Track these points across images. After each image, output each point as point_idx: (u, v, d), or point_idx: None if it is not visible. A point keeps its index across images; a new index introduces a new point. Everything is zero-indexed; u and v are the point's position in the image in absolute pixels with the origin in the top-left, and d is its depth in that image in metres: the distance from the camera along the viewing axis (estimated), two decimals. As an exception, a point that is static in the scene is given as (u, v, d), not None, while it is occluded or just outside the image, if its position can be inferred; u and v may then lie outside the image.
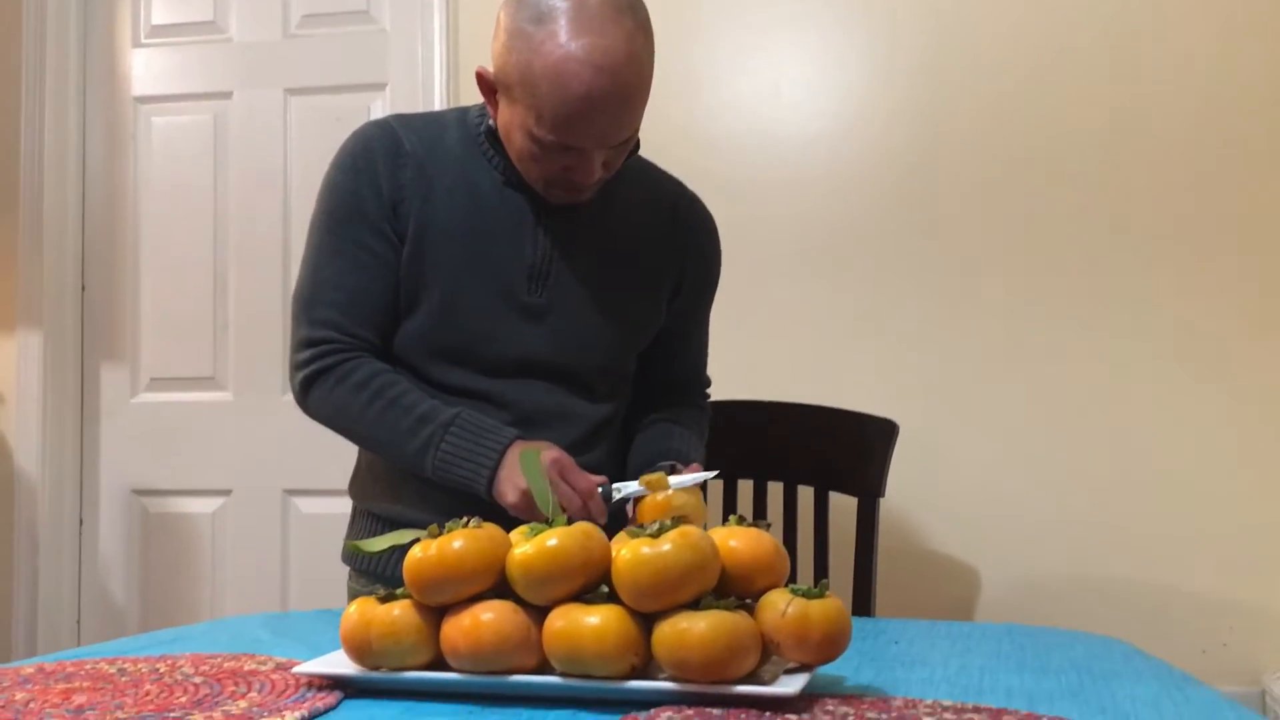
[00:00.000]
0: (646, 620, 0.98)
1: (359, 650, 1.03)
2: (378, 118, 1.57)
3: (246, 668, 1.14)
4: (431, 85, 2.61)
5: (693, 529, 0.99)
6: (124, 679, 1.09)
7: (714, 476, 1.38)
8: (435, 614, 1.03)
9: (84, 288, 2.80)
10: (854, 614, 1.89)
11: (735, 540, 1.04)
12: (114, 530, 2.78)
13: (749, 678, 0.97)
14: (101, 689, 1.05)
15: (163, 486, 2.76)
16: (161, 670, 1.13)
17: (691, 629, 0.95)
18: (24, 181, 2.74)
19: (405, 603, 1.04)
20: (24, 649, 2.69)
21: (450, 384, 1.51)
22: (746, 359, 2.35)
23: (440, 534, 1.04)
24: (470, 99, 2.00)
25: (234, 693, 1.03)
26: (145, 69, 2.80)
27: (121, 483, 2.77)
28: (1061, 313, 2.29)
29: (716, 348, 1.76)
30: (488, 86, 1.45)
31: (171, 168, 2.78)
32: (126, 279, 2.79)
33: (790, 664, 1.03)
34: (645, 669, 0.99)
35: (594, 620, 0.97)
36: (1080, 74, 2.31)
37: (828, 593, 1.01)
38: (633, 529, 1.02)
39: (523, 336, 1.51)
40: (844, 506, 1.97)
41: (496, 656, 0.99)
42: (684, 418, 1.65)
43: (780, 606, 0.98)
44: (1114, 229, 2.28)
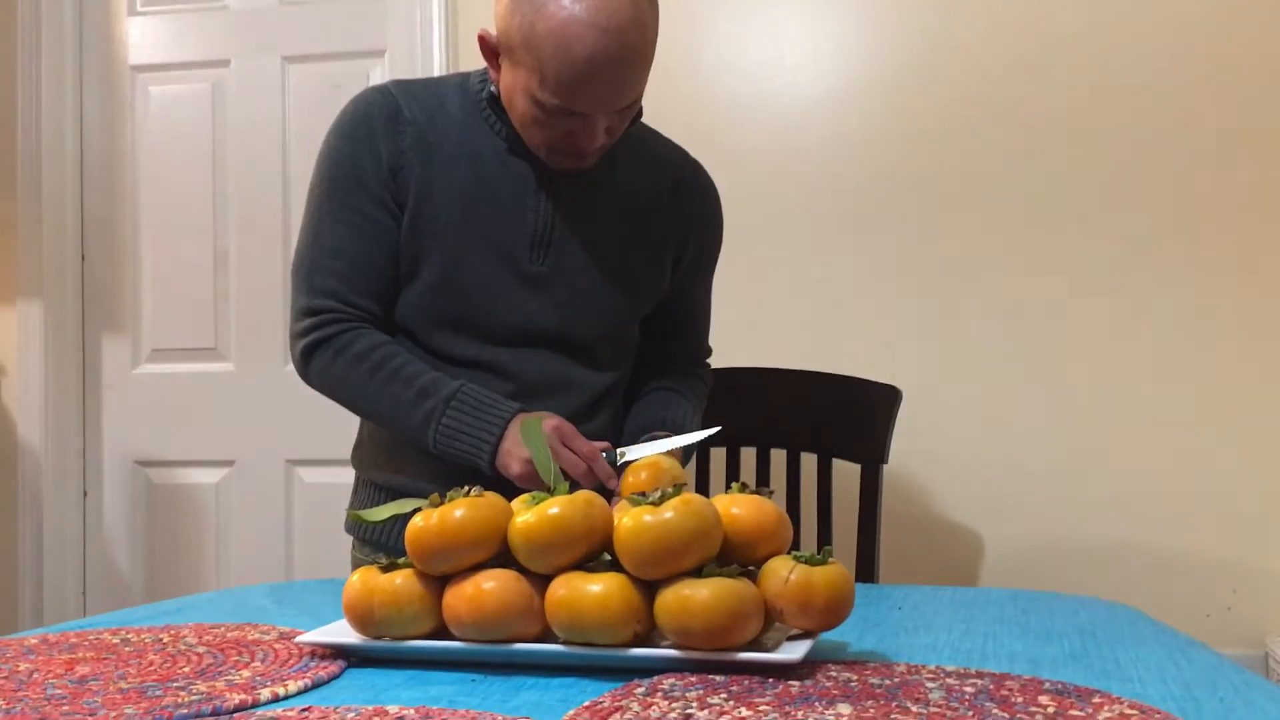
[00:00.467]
0: (649, 588, 0.98)
1: (362, 619, 1.03)
2: (378, 84, 1.55)
3: (250, 637, 1.14)
4: (431, 51, 2.59)
5: (695, 496, 0.99)
6: (127, 649, 1.10)
7: (711, 434, 1.38)
8: (438, 583, 1.03)
9: (84, 259, 2.79)
10: (858, 580, 1.89)
11: (738, 507, 1.03)
12: (118, 502, 2.78)
13: (752, 645, 0.97)
14: (105, 659, 1.05)
15: (166, 457, 2.76)
16: (165, 640, 1.13)
17: (694, 596, 0.95)
18: (22, 153, 2.72)
19: (408, 571, 1.04)
20: (30, 621, 2.70)
21: (452, 353, 1.50)
22: (749, 326, 2.34)
23: (442, 503, 1.03)
24: (470, 65, 1.98)
25: (237, 662, 1.03)
26: (141, 37, 2.78)
27: (124, 454, 2.78)
28: (1065, 277, 2.28)
29: (719, 315, 1.75)
30: (490, 50, 1.44)
31: (169, 137, 2.76)
32: (126, 249, 2.78)
33: (793, 631, 1.02)
34: (648, 637, 0.99)
35: (596, 588, 0.97)
36: (1093, 37, 2.29)
37: (831, 559, 1.00)
38: (634, 496, 1.01)
39: (525, 305, 1.50)
40: (847, 473, 1.97)
41: (499, 625, 0.99)
42: (683, 386, 1.65)
43: (783, 573, 0.98)
44: (1119, 194, 2.26)
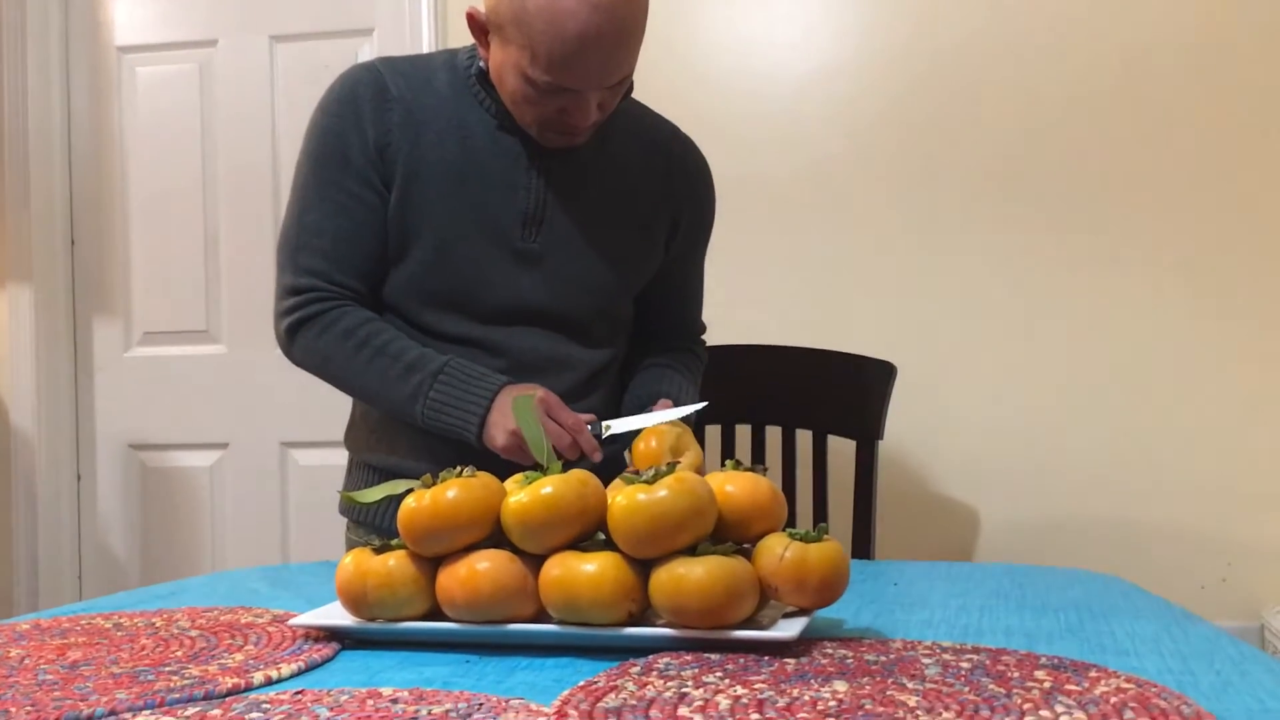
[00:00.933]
0: (643, 567, 0.98)
1: (355, 602, 1.02)
2: (364, 61, 1.54)
3: (243, 621, 1.13)
4: (420, 29, 2.57)
5: (689, 474, 0.98)
6: (120, 634, 1.09)
7: (699, 409, 1.38)
8: (431, 564, 1.02)
9: (73, 242, 2.78)
10: (854, 557, 1.89)
11: (732, 485, 1.03)
12: (112, 485, 2.77)
13: (747, 623, 0.96)
14: (97, 644, 1.05)
15: (159, 441, 2.75)
16: (158, 624, 1.13)
17: (689, 575, 0.94)
18: (8, 135, 2.70)
19: (401, 553, 1.03)
20: (26, 605, 2.70)
21: (444, 332, 1.49)
22: (743, 303, 2.33)
23: (434, 484, 1.03)
24: (459, 43, 1.97)
25: (230, 645, 1.02)
26: (128, 18, 2.75)
27: (118, 437, 2.77)
28: (1061, 253, 2.27)
29: (712, 292, 1.74)
30: (479, 27, 1.42)
31: (157, 118, 2.74)
32: (116, 232, 2.76)
33: (788, 608, 1.02)
34: (643, 616, 0.98)
35: (590, 568, 0.96)
36: (1091, 6, 2.27)
37: (826, 536, 1.00)
38: (628, 475, 1.01)
39: (517, 282, 1.49)
40: (843, 450, 1.97)
41: (493, 606, 0.99)
42: (678, 362, 1.64)
43: (778, 551, 0.98)
44: (1115, 169, 2.25)
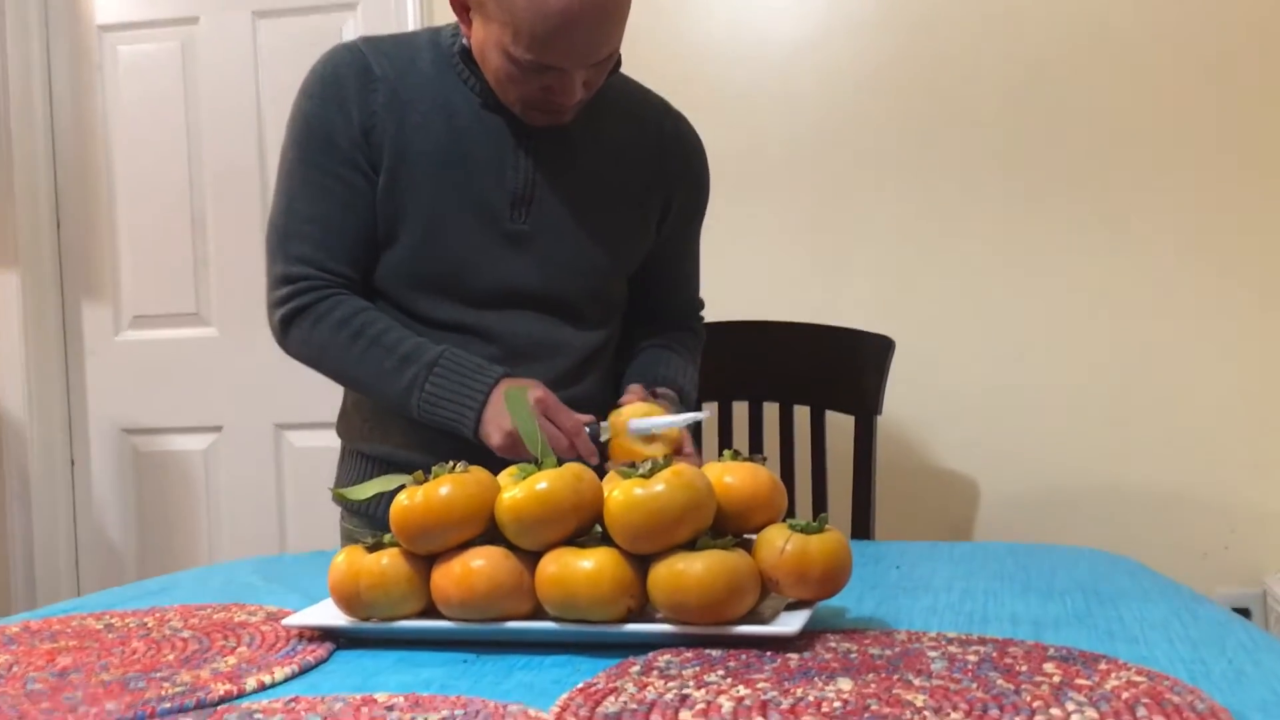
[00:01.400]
0: (642, 562, 0.96)
1: (348, 601, 1.00)
2: (345, 41, 1.50)
3: (236, 619, 1.12)
4: (404, 4, 2.52)
5: (686, 467, 0.96)
6: (111, 636, 1.07)
7: (704, 417, 1.36)
8: (425, 562, 1.01)
9: (59, 225, 2.74)
10: (853, 535, 1.88)
11: (730, 476, 1.01)
12: (105, 470, 2.75)
13: (748, 616, 0.95)
14: (87, 648, 1.03)
15: (152, 425, 2.73)
16: (149, 625, 1.11)
17: (688, 570, 0.92)
18: (-10, 118, 2.66)
19: (394, 551, 1.02)
20: (23, 592, 2.68)
21: (434, 317, 1.47)
22: (739, 278, 2.30)
23: (426, 480, 1.01)
24: (445, 17, 1.93)
25: (223, 648, 1.01)
26: (108, -5, 2.71)
27: (110, 422, 2.74)
28: (1060, 223, 2.24)
29: (708, 267, 1.71)
30: (460, 4, 1.39)
31: (141, 97, 2.70)
32: (102, 214, 2.73)
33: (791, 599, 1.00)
34: (642, 612, 0.96)
35: (588, 564, 0.95)
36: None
37: (827, 526, 0.98)
38: (624, 469, 0.98)
39: (507, 265, 1.47)
40: (841, 426, 1.95)
41: (489, 604, 0.97)
42: (676, 343, 1.62)
43: (779, 543, 0.96)
44: (1114, 137, 2.22)
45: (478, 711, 0.79)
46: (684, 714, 0.77)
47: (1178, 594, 1.09)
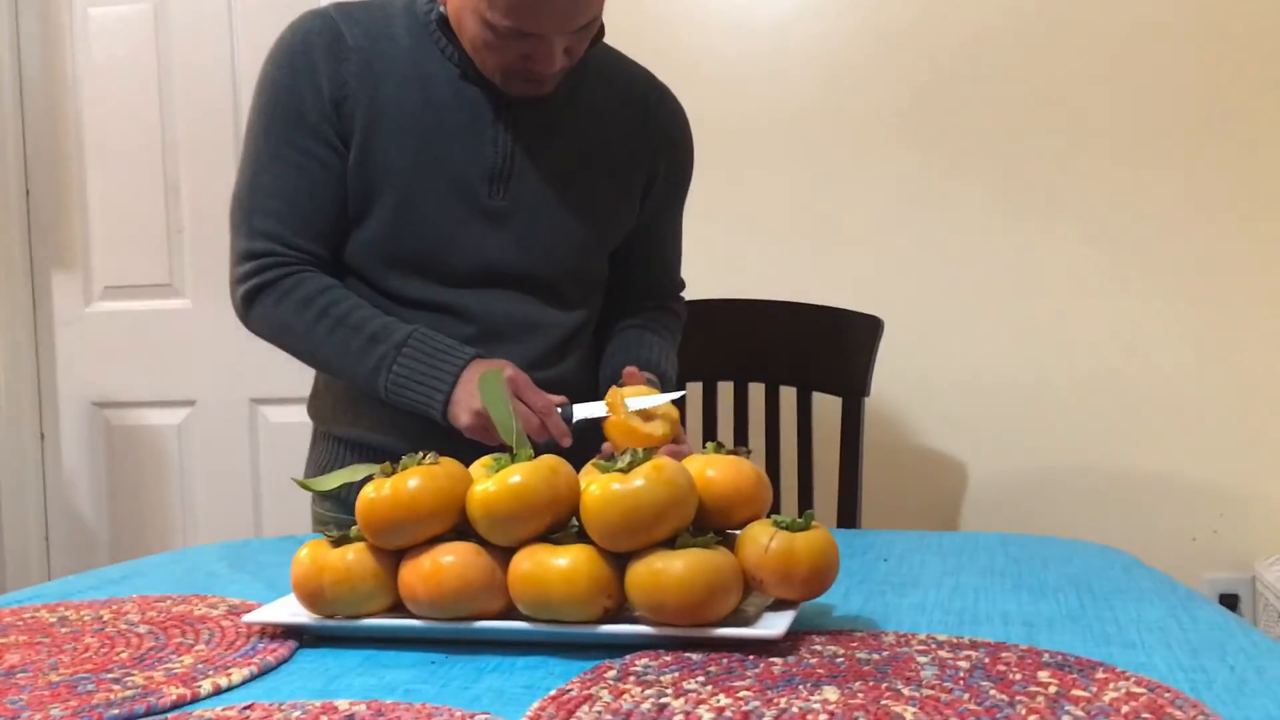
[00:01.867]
0: (619, 560, 0.91)
1: (312, 598, 0.96)
2: (316, 8, 1.44)
3: (196, 612, 1.07)
4: (383, -33, 2.45)
5: (667, 461, 0.91)
6: (64, 630, 1.02)
7: (679, 396, 1.31)
8: (392, 557, 0.96)
9: (28, 193, 2.67)
10: (838, 518, 1.84)
11: (713, 469, 0.96)
12: (77, 444, 2.70)
13: (730, 617, 0.90)
14: (38, 644, 0.98)
15: (124, 398, 2.67)
16: (105, 618, 1.06)
17: (668, 569, 0.88)
18: (-44, 81, 2.58)
19: (360, 545, 0.97)
20: (-8, 567, 2.63)
21: (409, 296, 1.42)
22: (724, 255, 2.25)
23: (394, 471, 0.96)
24: (422, -18, 1.86)
25: (180, 645, 0.96)
26: (77, -44, 2.62)
27: (81, 395, 2.68)
28: (1050, 204, 2.19)
29: (692, 244, 1.67)
30: (436, -32, 1.33)
31: (112, 62, 2.62)
32: (72, 182, 2.66)
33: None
34: (619, 612, 0.92)
35: (563, 562, 0.90)
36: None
37: (814, 523, 0.94)
38: (600, 461, 0.94)
39: (484, 243, 1.42)
40: (828, 407, 1.91)
41: (459, 602, 0.92)
42: (656, 323, 1.57)
43: (763, 541, 0.91)
44: (1107, 115, 2.16)
45: (443, 722, 0.75)
46: (661, 727, 0.73)
47: (1174, 592, 1.05)
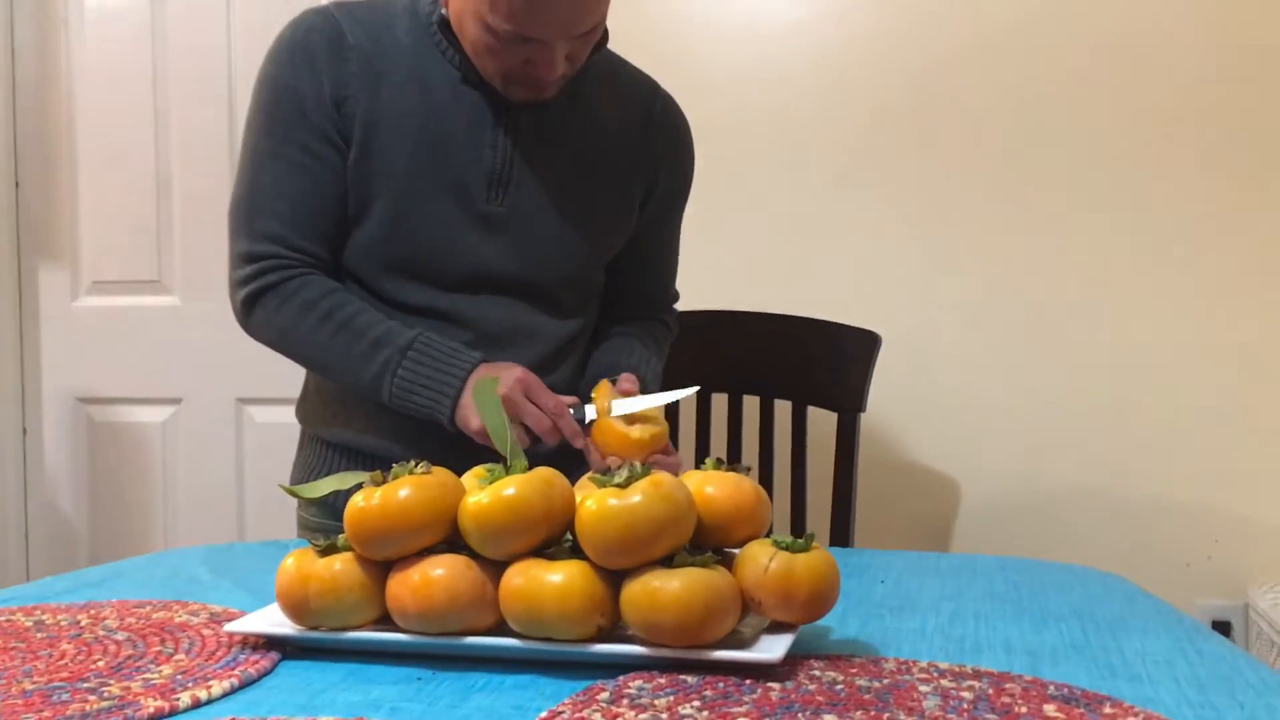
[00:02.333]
0: (614, 577, 0.89)
1: (296, 609, 0.93)
2: (318, 6, 1.42)
3: (177, 619, 1.04)
4: (384, -34, 2.42)
5: (665, 477, 0.89)
6: (40, 635, 1.00)
7: (690, 393, 1.30)
8: (381, 569, 0.93)
9: (18, 185, 2.64)
10: (832, 535, 1.82)
11: (712, 486, 0.94)
12: (60, 440, 2.66)
13: (727, 639, 0.88)
14: (12, 649, 0.95)
15: (109, 395, 2.63)
16: (83, 623, 1.03)
17: (664, 589, 0.85)
18: (-52, 70, 2.55)
19: (347, 555, 0.94)
20: (-30, 563, 2.59)
21: (405, 301, 1.39)
22: (721, 266, 2.23)
23: (385, 480, 0.93)
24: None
25: (159, 654, 0.93)
26: (74, -53, 2.59)
27: (65, 390, 2.65)
28: (1050, 219, 2.17)
29: (689, 254, 1.64)
30: (437, -32, 1.31)
31: (107, 54, 2.59)
32: (63, 175, 2.62)
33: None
34: (613, 631, 0.90)
35: (556, 578, 0.87)
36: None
37: (814, 545, 0.91)
38: (597, 476, 0.91)
39: (482, 249, 1.39)
40: (823, 422, 1.88)
41: (448, 616, 0.90)
42: (644, 333, 1.55)
43: (762, 561, 0.89)
44: (1108, 132, 2.15)
45: (430, 744, 0.72)
46: (656, 755, 0.70)
47: (1179, 624, 1.03)
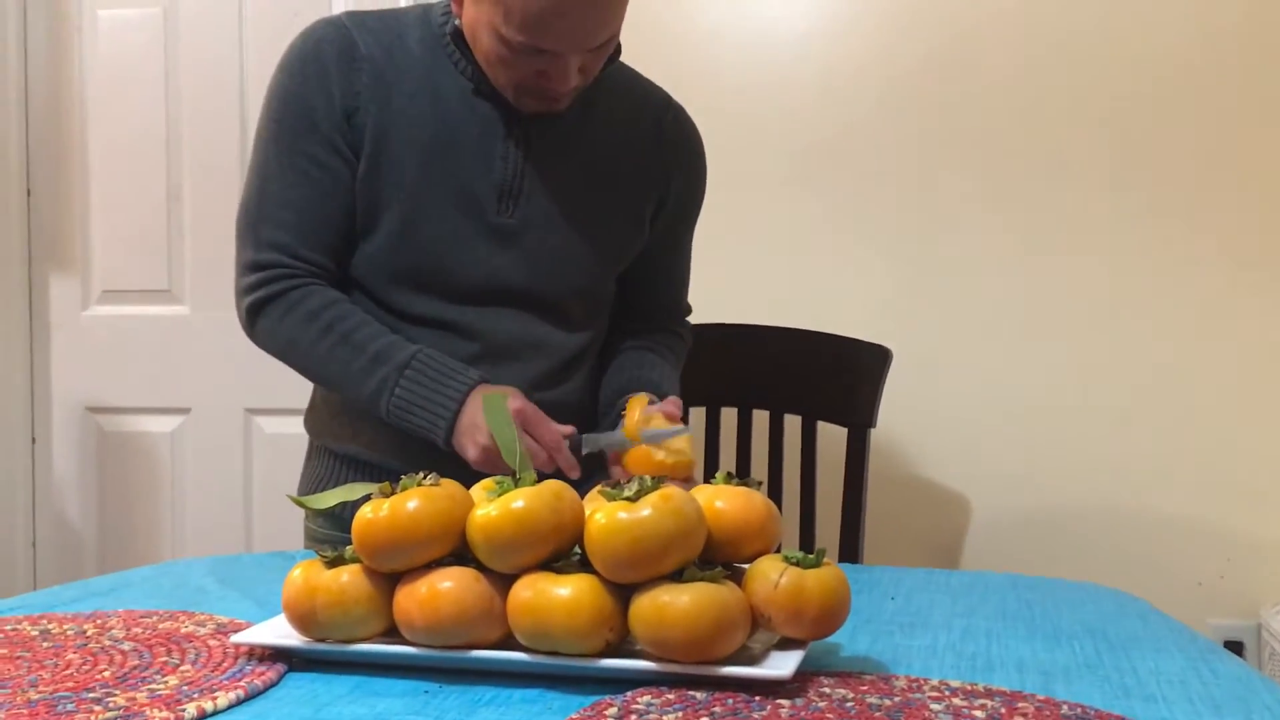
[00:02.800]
0: (623, 592, 0.88)
1: (303, 620, 0.93)
2: (329, 16, 1.42)
3: (183, 630, 1.04)
4: (396, -22, 2.43)
5: (675, 491, 0.88)
6: (46, 645, 0.99)
7: (685, 431, 1.29)
8: (388, 581, 0.93)
9: (29, 193, 2.64)
10: (841, 550, 1.81)
11: (722, 501, 0.93)
12: (68, 449, 2.66)
13: (736, 655, 0.87)
14: (18, 658, 0.95)
15: (118, 404, 2.63)
16: (89, 633, 1.03)
17: (673, 604, 0.85)
18: (-39, 79, 2.56)
19: (355, 567, 0.94)
20: (-23, 572, 2.59)
21: (413, 312, 1.39)
22: (732, 279, 2.22)
23: (394, 492, 0.93)
24: (436, -6, 1.84)
25: (165, 665, 0.93)
26: (89, -43, 2.60)
27: (74, 400, 2.65)
28: (1064, 233, 2.16)
29: (701, 268, 1.64)
30: (450, -19, 1.31)
31: (120, 64, 2.60)
32: (74, 184, 2.63)
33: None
34: (621, 646, 0.89)
35: (564, 592, 0.87)
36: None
37: (825, 560, 0.91)
38: (607, 489, 0.91)
39: (492, 261, 1.39)
40: (833, 437, 1.88)
41: (456, 629, 0.89)
42: (659, 345, 1.54)
43: (773, 577, 0.88)
44: (1122, 143, 2.15)
45: (437, 759, 0.72)
46: (665, 772, 0.69)
47: (1193, 643, 1.02)
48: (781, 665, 0.85)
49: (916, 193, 2.21)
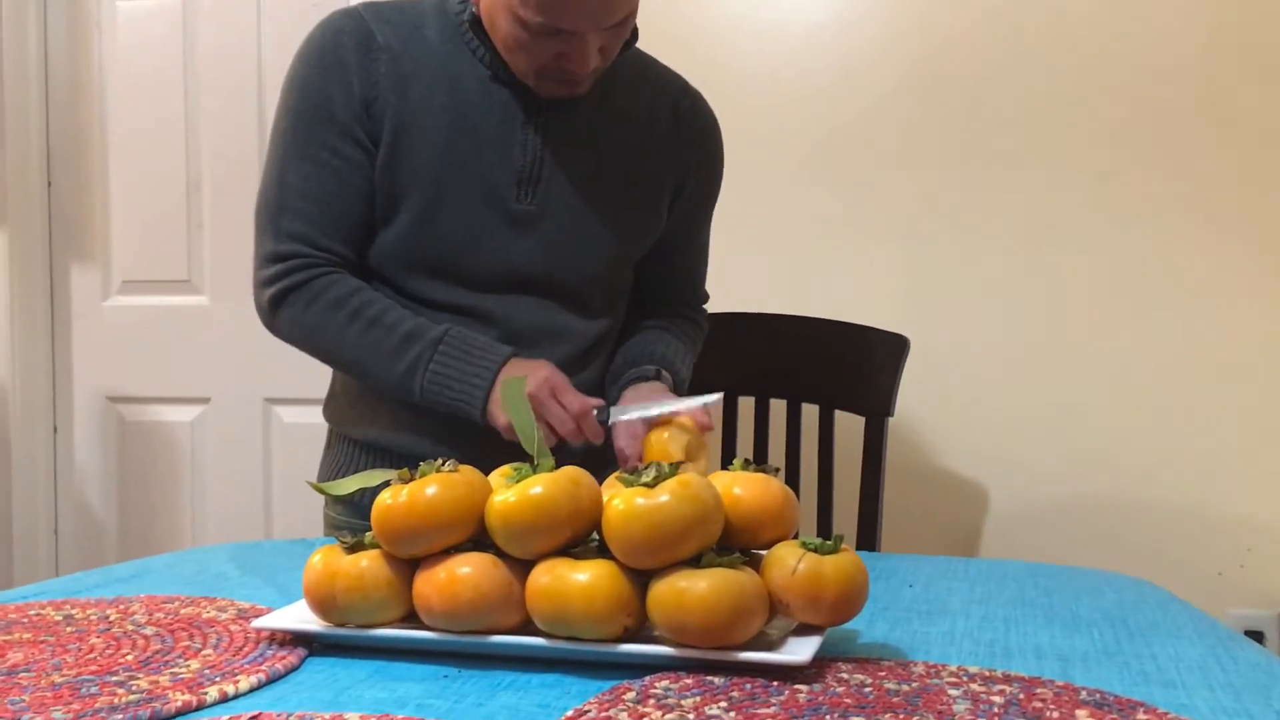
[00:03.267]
0: (641, 577, 0.88)
1: (323, 605, 0.93)
2: (347, 6, 1.42)
3: (205, 615, 1.04)
4: (414, -32, 2.43)
5: (694, 477, 0.88)
6: (69, 629, 1.00)
7: (715, 400, 1.29)
8: (407, 567, 0.93)
9: (50, 185, 2.66)
10: (858, 539, 1.81)
11: (740, 487, 0.93)
12: (89, 438, 2.68)
13: (754, 640, 0.87)
14: (42, 642, 0.96)
15: (139, 394, 2.65)
16: (112, 618, 1.04)
17: (691, 589, 0.85)
18: (-17, 71, 2.58)
19: (374, 553, 0.94)
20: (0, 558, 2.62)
21: (432, 299, 1.39)
22: (749, 268, 2.22)
23: (412, 478, 0.93)
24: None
25: (187, 649, 0.93)
26: (108, -51, 2.62)
27: (96, 389, 2.67)
28: (1081, 223, 2.15)
29: (718, 256, 1.64)
30: (468, -33, 1.31)
31: (139, 56, 2.61)
32: (94, 175, 2.65)
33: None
34: (639, 631, 0.89)
35: (582, 577, 0.87)
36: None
37: (844, 546, 0.91)
38: (625, 475, 0.91)
39: (510, 248, 1.39)
40: (851, 426, 1.87)
41: (474, 615, 0.89)
42: (676, 327, 1.55)
43: (790, 563, 0.88)
44: (1137, 134, 2.13)
45: (456, 742, 0.72)
46: (683, 755, 0.70)
47: (1213, 631, 1.01)
48: (799, 651, 0.86)
49: (934, 181, 2.20)
